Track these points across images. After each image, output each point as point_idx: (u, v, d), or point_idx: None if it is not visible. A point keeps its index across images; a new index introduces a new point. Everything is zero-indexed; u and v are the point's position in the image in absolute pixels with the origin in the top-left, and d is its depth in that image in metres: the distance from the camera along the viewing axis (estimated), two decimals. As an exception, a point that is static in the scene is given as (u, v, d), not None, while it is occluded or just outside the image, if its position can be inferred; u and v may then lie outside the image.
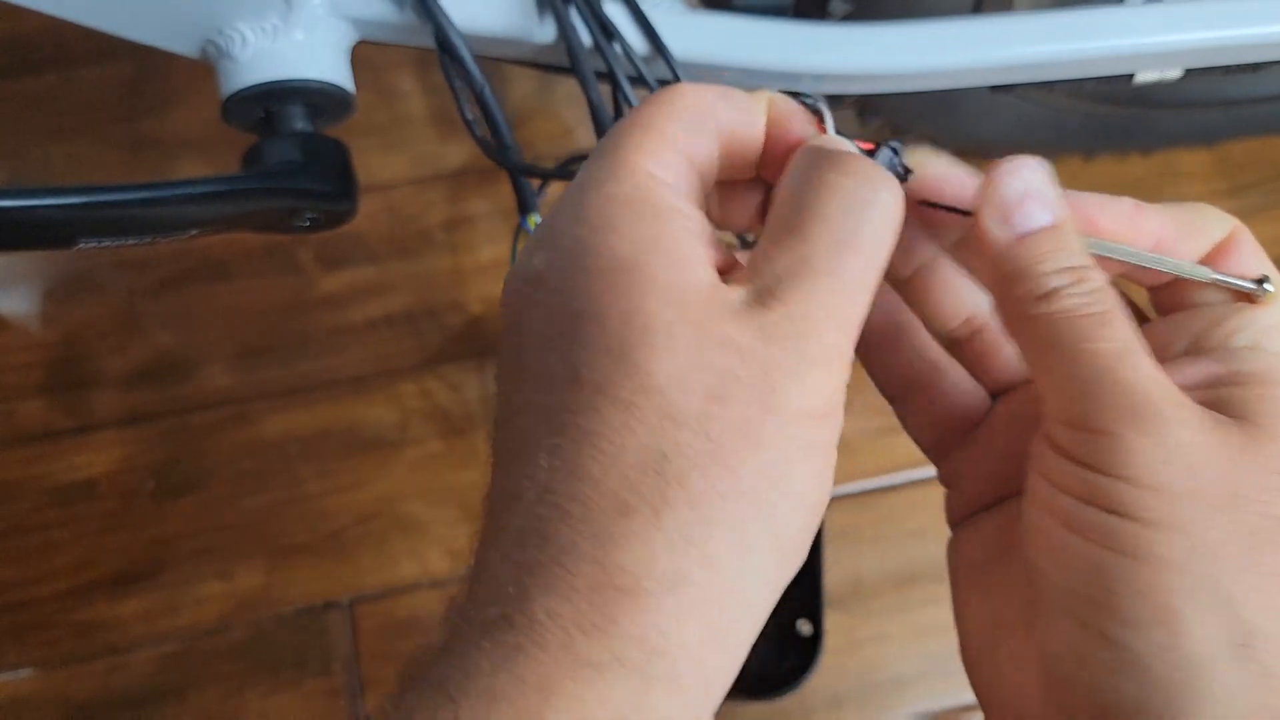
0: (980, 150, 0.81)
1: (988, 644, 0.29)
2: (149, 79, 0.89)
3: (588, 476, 0.23)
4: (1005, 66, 0.50)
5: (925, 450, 0.33)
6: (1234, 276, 0.28)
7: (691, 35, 0.48)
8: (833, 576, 0.76)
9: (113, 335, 0.82)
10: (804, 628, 0.73)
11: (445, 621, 0.24)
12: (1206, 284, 0.28)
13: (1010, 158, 0.28)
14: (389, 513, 0.79)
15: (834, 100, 0.71)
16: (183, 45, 0.48)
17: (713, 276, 0.25)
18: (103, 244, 0.43)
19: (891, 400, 0.33)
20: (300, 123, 0.48)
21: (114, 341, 0.82)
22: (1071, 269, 0.27)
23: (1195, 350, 0.28)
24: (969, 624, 0.31)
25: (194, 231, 0.45)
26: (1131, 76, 0.53)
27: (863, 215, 0.25)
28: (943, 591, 0.31)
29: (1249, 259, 0.28)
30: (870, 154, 0.29)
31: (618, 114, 0.48)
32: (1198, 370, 0.27)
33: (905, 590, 0.76)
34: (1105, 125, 0.77)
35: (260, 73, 0.46)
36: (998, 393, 0.32)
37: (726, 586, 0.23)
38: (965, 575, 0.32)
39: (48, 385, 0.81)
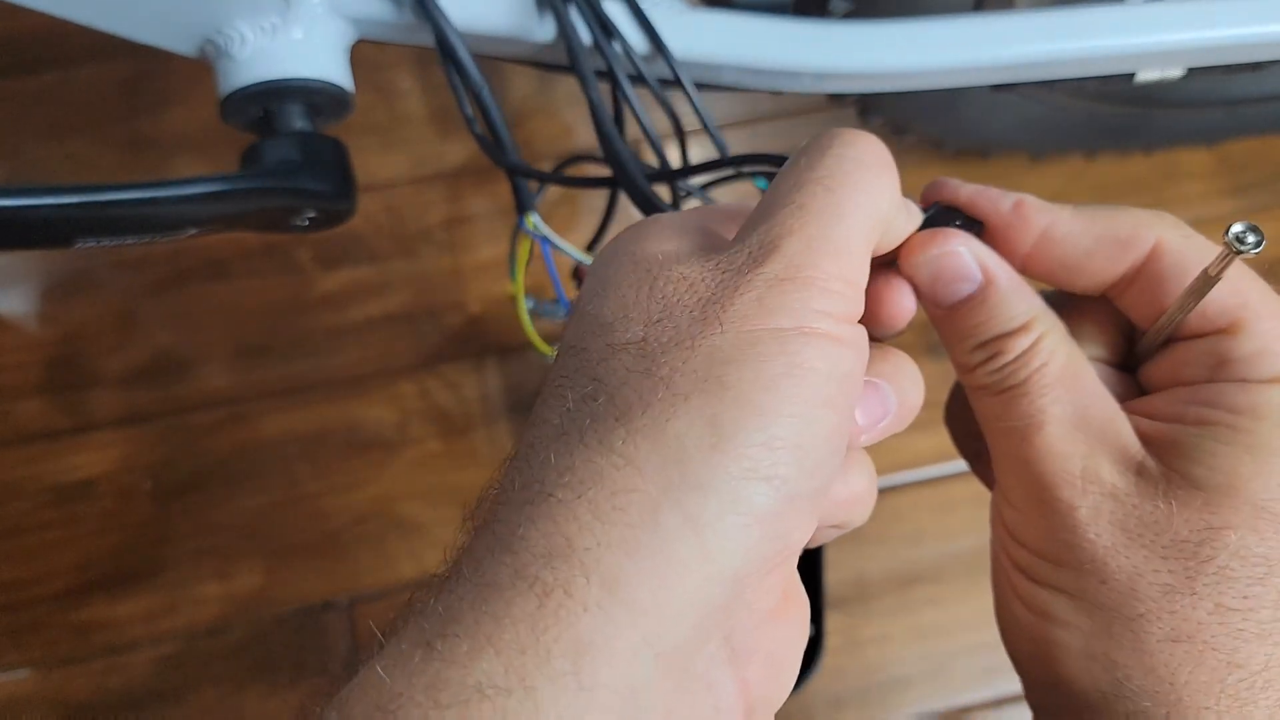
0: (981, 149, 0.81)
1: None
2: (147, 78, 0.89)
3: (542, 421, 0.24)
4: (1006, 65, 0.50)
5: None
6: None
7: (691, 33, 0.48)
8: (834, 577, 0.76)
9: (111, 335, 0.82)
10: (804, 628, 0.73)
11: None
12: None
13: (932, 232, 0.28)
14: (388, 513, 0.79)
15: (835, 99, 0.71)
16: (181, 44, 0.48)
17: (684, 244, 0.26)
18: (101, 243, 0.43)
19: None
20: (299, 122, 0.47)
21: (112, 341, 0.82)
22: (988, 342, 0.27)
23: (1183, 379, 0.28)
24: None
25: (192, 231, 0.45)
26: (1133, 75, 0.53)
27: (828, 154, 0.25)
28: (944, 592, 0.32)
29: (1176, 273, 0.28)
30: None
31: (617, 113, 0.48)
32: (1180, 404, 0.27)
33: (907, 591, 0.76)
34: (1107, 124, 0.77)
35: (259, 72, 0.46)
36: None
37: (650, 488, 0.21)
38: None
39: (46, 385, 0.81)
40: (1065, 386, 0.27)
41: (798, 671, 0.25)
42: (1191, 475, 0.25)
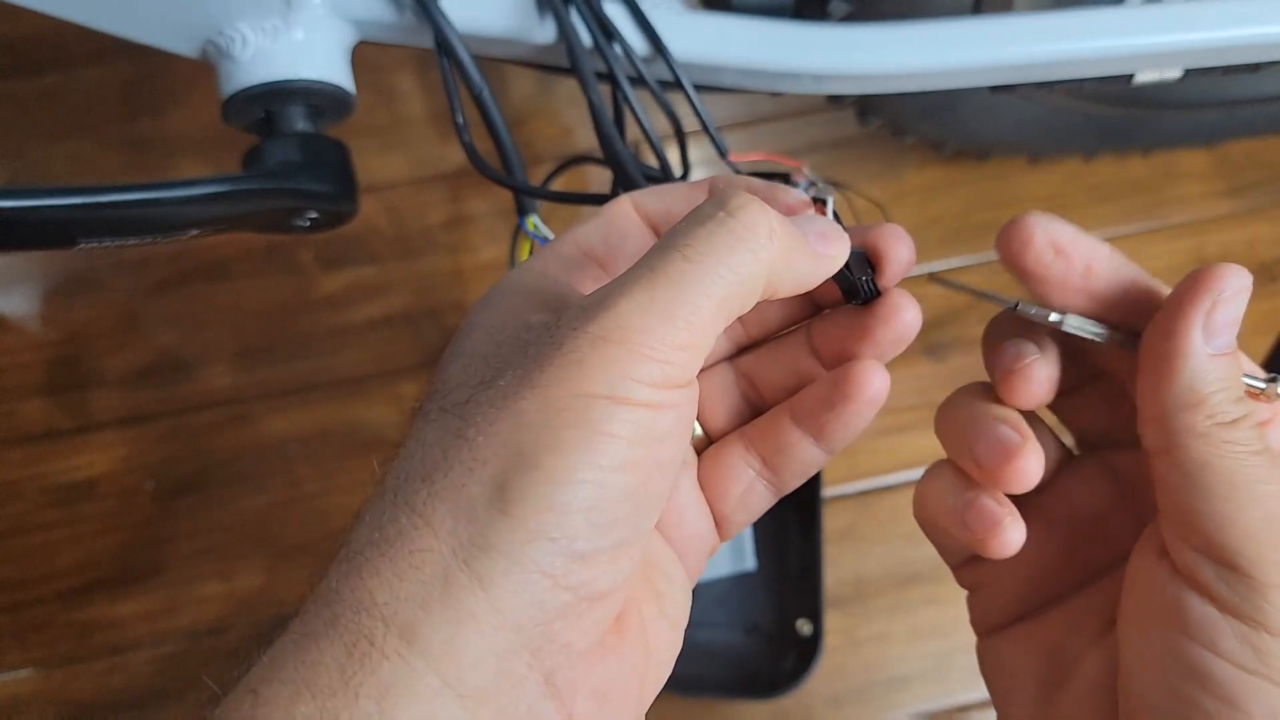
0: (980, 150, 0.81)
1: None
2: (149, 79, 0.89)
3: (381, 482, 0.25)
4: (1005, 67, 0.50)
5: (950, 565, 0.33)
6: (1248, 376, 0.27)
7: (691, 35, 0.48)
8: (833, 576, 0.76)
9: (113, 335, 0.83)
10: (804, 627, 0.73)
11: None
12: None
13: (1231, 269, 0.27)
14: (389, 513, 0.79)
15: (834, 100, 0.71)
16: (183, 45, 0.48)
17: (534, 306, 0.27)
18: (103, 244, 0.43)
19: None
20: (300, 123, 0.48)
21: (114, 341, 0.82)
22: (1244, 400, 0.26)
23: None
24: None
25: (194, 232, 0.45)
26: (1131, 77, 0.53)
27: (704, 224, 0.25)
28: (942, 592, 0.32)
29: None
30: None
31: (618, 114, 0.48)
32: None
33: (905, 590, 0.76)
34: (1105, 125, 0.77)
35: (260, 73, 0.46)
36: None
37: (442, 548, 0.23)
38: (1028, 687, 0.31)
39: (48, 385, 0.82)
40: None
41: (642, 701, 0.27)
42: None
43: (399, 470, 0.25)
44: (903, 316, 0.29)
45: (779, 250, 0.25)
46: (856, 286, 0.29)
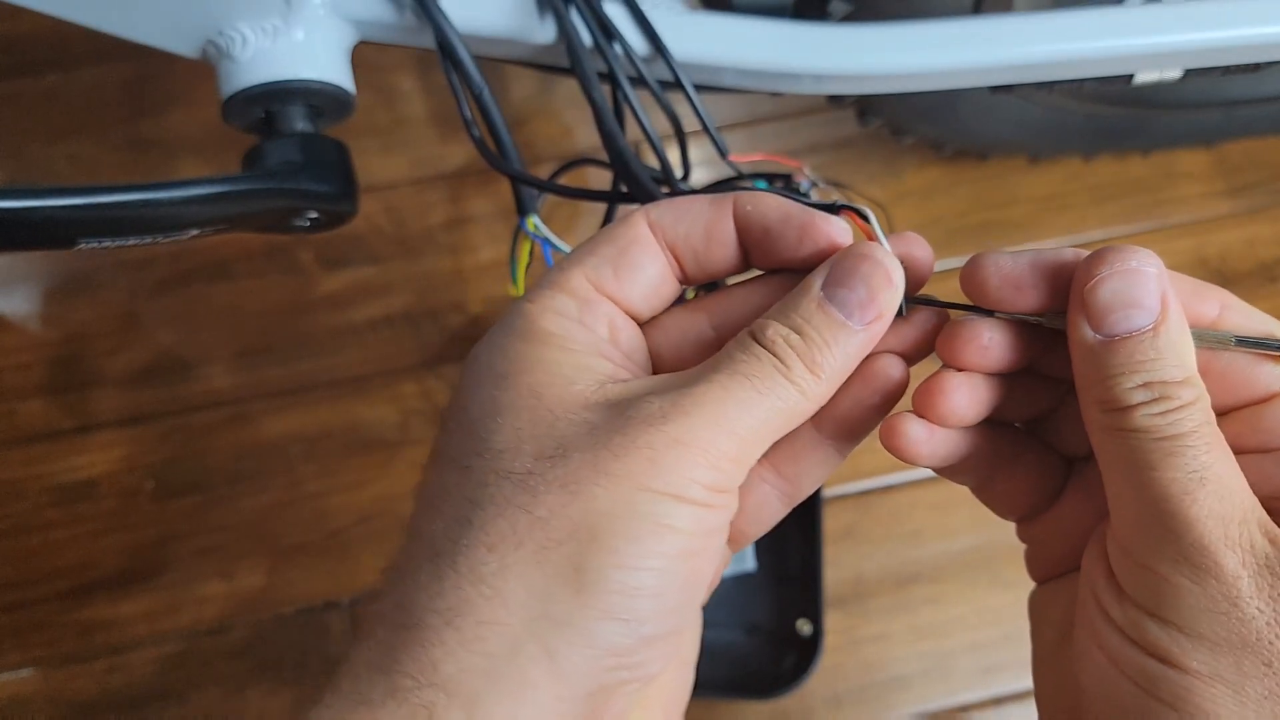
0: (980, 151, 0.81)
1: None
2: (149, 80, 0.89)
3: (417, 533, 0.26)
4: (1005, 67, 0.50)
5: (1000, 515, 0.33)
6: (1260, 339, 0.27)
7: (691, 35, 0.48)
8: (833, 576, 0.76)
9: (113, 335, 0.83)
10: (804, 627, 0.73)
11: None
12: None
13: (1115, 248, 0.26)
14: (390, 512, 0.79)
15: (835, 101, 0.71)
16: (183, 46, 0.48)
17: (584, 377, 0.27)
18: (103, 244, 0.43)
19: (972, 489, 0.32)
20: (301, 123, 0.48)
21: (115, 341, 0.82)
22: (1157, 384, 0.25)
23: (1267, 444, 0.27)
24: (1047, 689, 0.30)
25: (194, 232, 0.45)
26: (1131, 77, 0.53)
27: (747, 400, 0.26)
28: (942, 591, 0.31)
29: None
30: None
31: (618, 114, 0.48)
32: (1269, 476, 0.26)
33: (905, 590, 0.76)
34: (1105, 126, 0.77)
35: (260, 73, 0.46)
36: (1076, 459, 0.31)
37: (513, 621, 0.24)
38: (1047, 635, 0.31)
39: (48, 385, 0.82)
40: (1224, 446, 0.25)
41: None
42: None
43: (449, 531, 0.25)
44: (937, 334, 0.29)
45: (827, 391, 0.27)
46: None
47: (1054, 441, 0.31)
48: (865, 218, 0.29)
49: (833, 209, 0.29)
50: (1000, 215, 0.86)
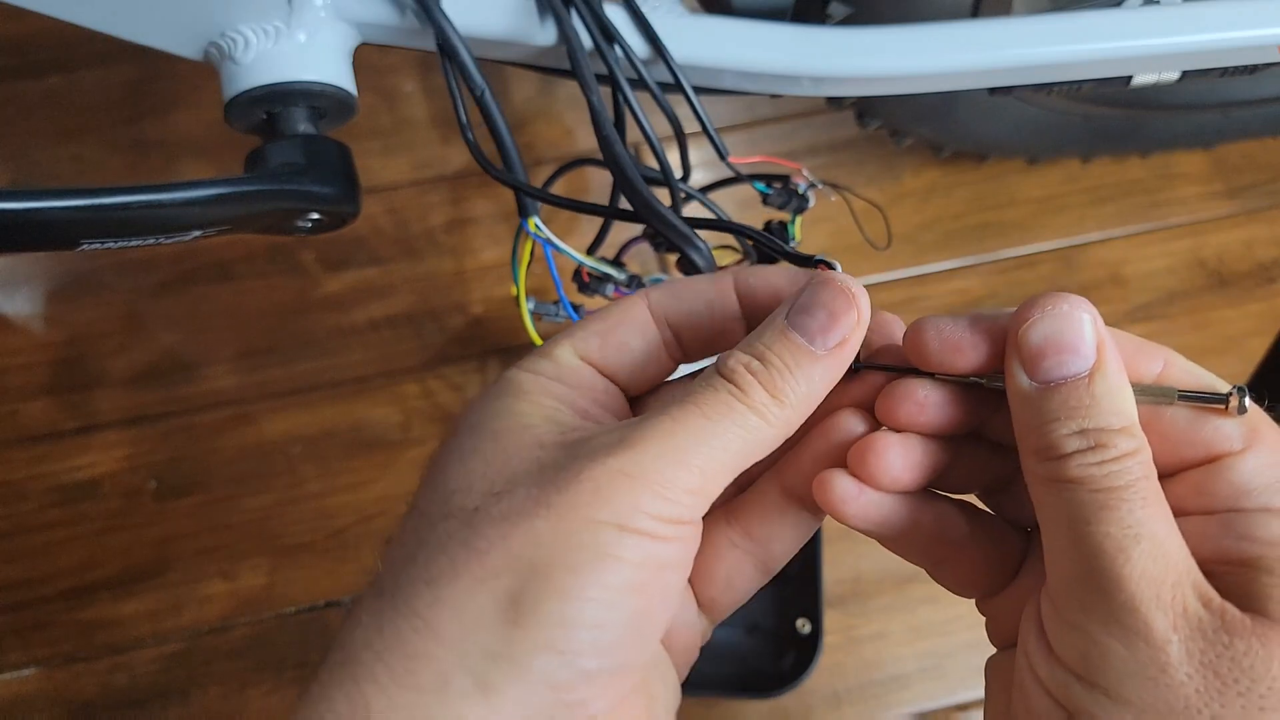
0: (978, 152, 0.81)
1: None
2: (152, 81, 0.89)
3: (378, 581, 0.26)
4: (1003, 69, 0.50)
5: (956, 594, 0.32)
6: (1203, 393, 0.26)
7: (691, 38, 0.49)
8: (832, 575, 0.76)
9: (116, 336, 0.83)
10: (803, 626, 0.73)
11: None
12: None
13: (1048, 295, 0.26)
14: (391, 512, 0.79)
15: (833, 103, 0.71)
16: (185, 48, 0.48)
17: (546, 423, 0.27)
18: (106, 245, 0.43)
19: (926, 569, 0.31)
20: (303, 125, 0.48)
21: (117, 342, 0.83)
22: (1093, 431, 0.25)
23: (1211, 506, 0.26)
24: None
25: (197, 233, 0.46)
26: (1129, 79, 0.53)
27: (718, 391, 0.26)
28: (941, 591, 0.31)
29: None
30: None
31: (618, 116, 0.48)
32: (1212, 539, 0.25)
33: (904, 589, 0.76)
34: (1103, 127, 0.77)
35: (263, 75, 0.46)
36: (1034, 530, 0.30)
37: (444, 654, 0.24)
38: (1001, 701, 0.30)
39: (51, 386, 0.82)
40: (1163, 503, 0.24)
41: None
42: (1271, 614, 0.23)
43: (396, 571, 0.25)
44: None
45: (793, 418, 0.27)
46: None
47: (1011, 512, 0.31)
48: (832, 269, 0.30)
49: (810, 263, 0.30)
50: (998, 217, 0.86)
